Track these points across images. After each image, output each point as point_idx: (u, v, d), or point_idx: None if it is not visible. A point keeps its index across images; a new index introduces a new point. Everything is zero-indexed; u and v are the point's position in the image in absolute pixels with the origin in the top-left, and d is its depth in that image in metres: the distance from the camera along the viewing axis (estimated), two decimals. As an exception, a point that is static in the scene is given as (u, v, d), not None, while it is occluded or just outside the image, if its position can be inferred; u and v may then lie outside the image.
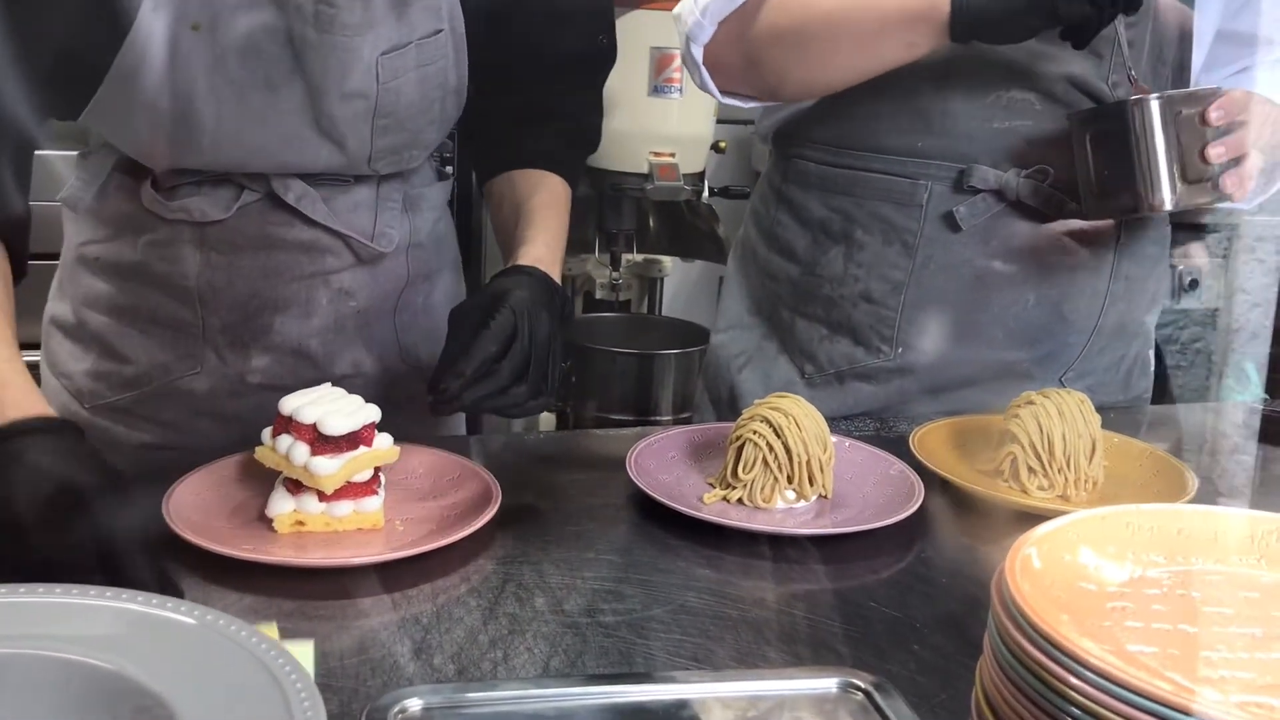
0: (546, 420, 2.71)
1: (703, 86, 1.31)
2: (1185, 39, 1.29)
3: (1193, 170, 1.14)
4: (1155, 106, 1.13)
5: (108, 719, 0.52)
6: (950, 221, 1.27)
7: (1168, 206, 1.15)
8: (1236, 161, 1.15)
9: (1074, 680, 0.53)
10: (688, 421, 1.45)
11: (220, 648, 0.55)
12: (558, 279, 1.09)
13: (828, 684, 0.71)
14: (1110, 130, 1.16)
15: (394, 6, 1.05)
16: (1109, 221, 1.28)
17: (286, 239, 1.13)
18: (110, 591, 0.59)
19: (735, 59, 1.27)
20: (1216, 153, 1.14)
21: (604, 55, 1.26)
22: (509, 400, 0.98)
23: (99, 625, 0.56)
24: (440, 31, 1.10)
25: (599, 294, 2.90)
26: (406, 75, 1.09)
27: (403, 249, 1.21)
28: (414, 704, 0.67)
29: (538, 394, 0.99)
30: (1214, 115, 1.13)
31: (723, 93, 1.32)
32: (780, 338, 1.39)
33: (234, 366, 1.16)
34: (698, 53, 1.27)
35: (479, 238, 2.65)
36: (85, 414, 1.17)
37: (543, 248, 1.12)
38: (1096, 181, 1.19)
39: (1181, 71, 1.29)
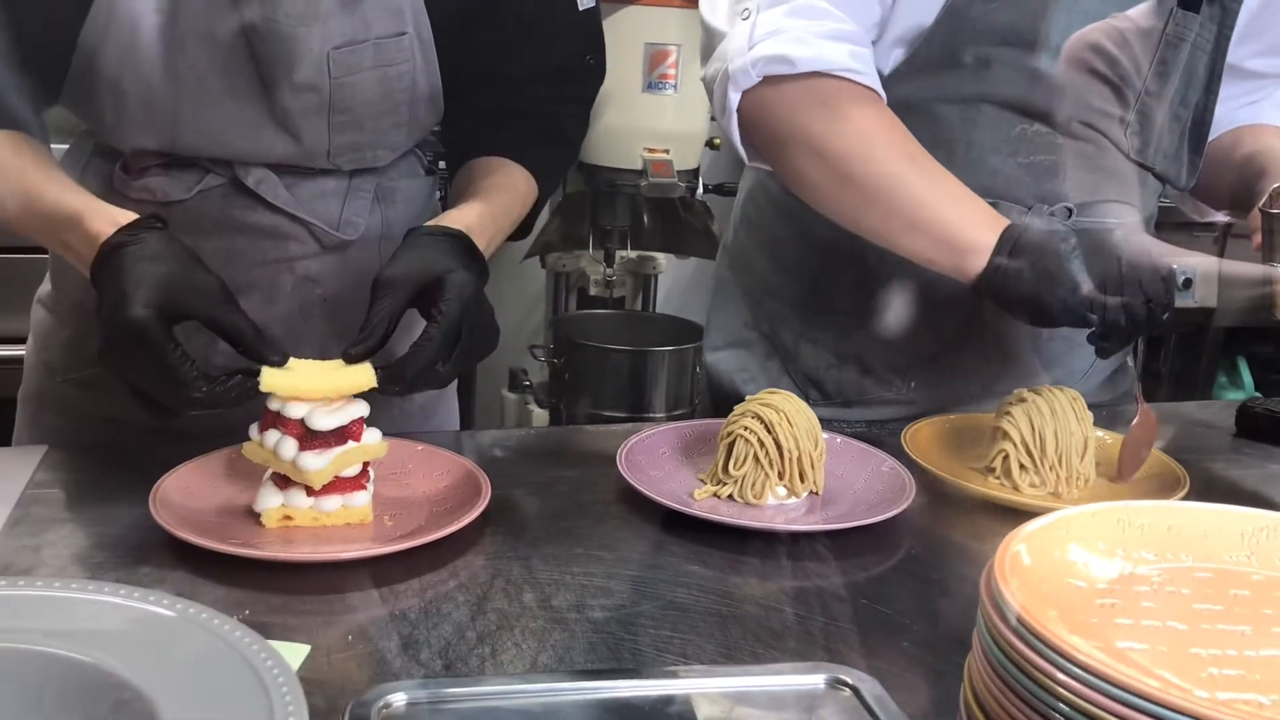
0: (539, 416, 2.71)
1: (727, 132, 1.18)
2: (1214, 83, 1.26)
3: None
4: None
5: (87, 713, 0.51)
6: None
7: None
8: None
9: (1062, 677, 0.52)
10: (681, 418, 1.44)
11: (200, 641, 0.55)
12: (483, 250, 1.05)
13: (815, 680, 0.71)
14: None
15: (343, 1, 1.05)
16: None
17: (248, 223, 1.13)
18: (92, 585, 0.58)
19: (762, 133, 1.17)
20: None
21: (592, 73, 1.25)
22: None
23: (77, 618, 0.56)
24: (404, 34, 1.09)
25: (593, 290, 2.89)
26: (363, 73, 1.08)
27: (373, 240, 1.20)
28: (398, 699, 0.66)
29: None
30: None
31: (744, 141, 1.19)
32: (782, 359, 1.37)
33: (197, 350, 1.16)
34: (734, 98, 1.14)
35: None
36: (58, 385, 1.19)
37: (474, 218, 1.07)
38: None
39: (1205, 113, 1.27)
